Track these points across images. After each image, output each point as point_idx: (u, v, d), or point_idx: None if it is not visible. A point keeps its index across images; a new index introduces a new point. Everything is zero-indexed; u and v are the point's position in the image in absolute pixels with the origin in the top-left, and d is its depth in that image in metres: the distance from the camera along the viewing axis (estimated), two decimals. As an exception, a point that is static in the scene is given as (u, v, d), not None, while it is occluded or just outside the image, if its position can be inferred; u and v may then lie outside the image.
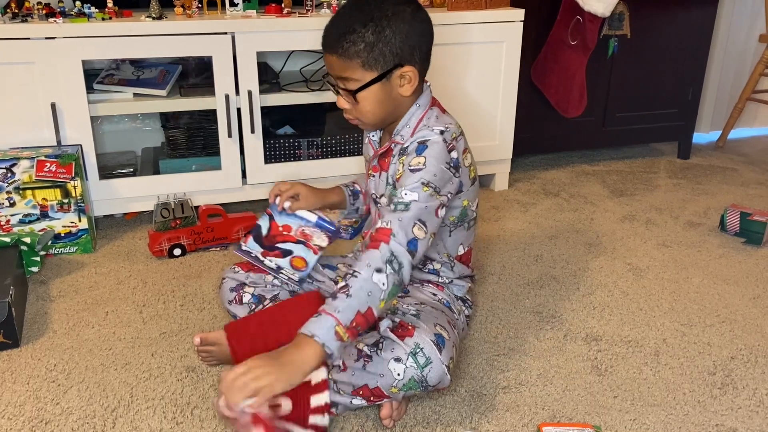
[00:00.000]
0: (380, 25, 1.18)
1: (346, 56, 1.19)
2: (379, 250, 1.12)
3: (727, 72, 3.05)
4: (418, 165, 1.22)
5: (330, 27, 1.22)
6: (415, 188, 1.19)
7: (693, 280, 1.80)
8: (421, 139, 1.25)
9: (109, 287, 1.72)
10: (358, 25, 1.18)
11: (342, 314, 1.05)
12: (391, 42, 1.19)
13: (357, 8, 1.20)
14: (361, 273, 1.09)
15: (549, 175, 2.58)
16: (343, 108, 1.28)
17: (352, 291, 1.07)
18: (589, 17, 2.28)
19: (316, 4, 2.09)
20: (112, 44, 1.86)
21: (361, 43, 1.18)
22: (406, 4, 1.22)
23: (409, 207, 1.17)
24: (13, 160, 1.77)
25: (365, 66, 1.20)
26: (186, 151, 2.16)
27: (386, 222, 1.16)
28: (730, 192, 2.43)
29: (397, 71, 1.22)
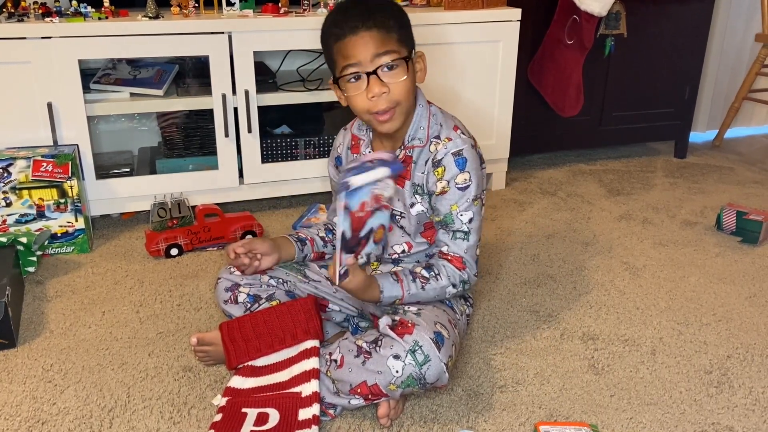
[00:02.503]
0: (398, 7, 1.25)
1: (385, 28, 1.20)
2: (461, 272, 1.31)
3: (724, 71, 3.06)
4: (465, 182, 1.29)
5: (358, 8, 1.21)
6: (468, 207, 1.30)
7: (689, 279, 1.80)
8: (455, 150, 1.29)
9: (106, 287, 1.72)
10: (385, 3, 1.23)
11: (409, 296, 1.28)
12: (408, 24, 1.25)
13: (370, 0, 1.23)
14: (442, 281, 1.30)
15: (546, 175, 2.58)
16: (379, 94, 1.21)
17: (428, 288, 1.29)
18: (586, 16, 2.28)
19: (312, 3, 2.09)
20: (108, 44, 1.86)
21: (396, 17, 1.22)
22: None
23: (469, 234, 1.31)
24: (10, 160, 1.76)
25: (400, 41, 1.22)
26: (183, 151, 2.15)
27: (454, 252, 1.31)
28: (727, 191, 2.44)
29: (416, 54, 1.27)
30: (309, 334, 1.30)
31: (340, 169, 1.46)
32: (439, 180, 1.29)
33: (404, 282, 1.28)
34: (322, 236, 1.49)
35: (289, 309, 1.33)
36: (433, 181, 1.30)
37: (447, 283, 1.30)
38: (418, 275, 1.29)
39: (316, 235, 1.49)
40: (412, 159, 1.32)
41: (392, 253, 1.41)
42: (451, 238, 1.31)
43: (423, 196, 1.34)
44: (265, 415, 1.19)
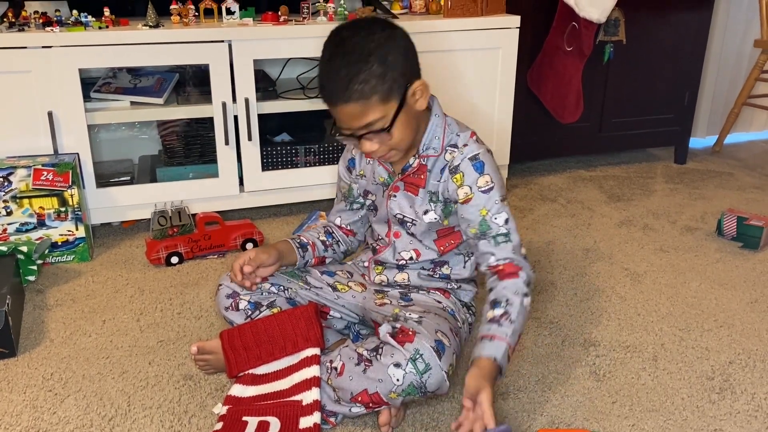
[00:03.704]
0: (381, 53, 1.17)
1: (363, 98, 1.17)
2: (520, 278, 1.24)
3: (723, 77, 3.06)
4: (488, 184, 1.28)
5: (332, 80, 1.18)
6: (499, 209, 1.27)
7: (690, 284, 1.80)
8: (471, 154, 1.29)
9: (107, 296, 1.72)
10: (361, 64, 1.16)
11: (511, 338, 1.19)
12: (396, 65, 1.18)
13: (349, 51, 1.18)
14: (515, 300, 1.21)
15: (546, 181, 2.58)
16: (371, 151, 1.25)
17: (514, 317, 1.20)
18: (585, 23, 2.29)
19: (312, 11, 2.10)
20: (108, 53, 1.86)
21: (372, 79, 1.16)
22: (389, 28, 1.22)
23: (510, 235, 1.27)
24: (10, 169, 1.77)
25: (383, 99, 1.18)
26: (183, 159, 2.16)
27: (504, 260, 1.26)
28: (727, 196, 2.43)
29: (410, 90, 1.22)
30: (309, 342, 1.29)
31: (352, 172, 1.45)
32: (459, 187, 1.29)
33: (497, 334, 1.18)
34: (323, 240, 1.49)
35: (289, 317, 1.32)
36: (453, 189, 1.30)
37: (519, 301, 1.21)
38: (496, 318, 1.20)
39: (317, 239, 1.49)
40: (426, 168, 1.32)
41: (399, 259, 1.41)
42: (494, 245, 1.27)
43: (437, 204, 1.33)
44: (265, 423, 1.19)
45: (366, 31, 1.19)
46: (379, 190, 1.41)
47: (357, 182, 1.46)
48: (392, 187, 1.37)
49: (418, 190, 1.34)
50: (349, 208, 1.50)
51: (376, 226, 1.45)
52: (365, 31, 1.19)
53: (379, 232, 1.44)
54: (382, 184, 1.39)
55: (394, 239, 1.41)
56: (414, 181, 1.34)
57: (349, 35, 1.19)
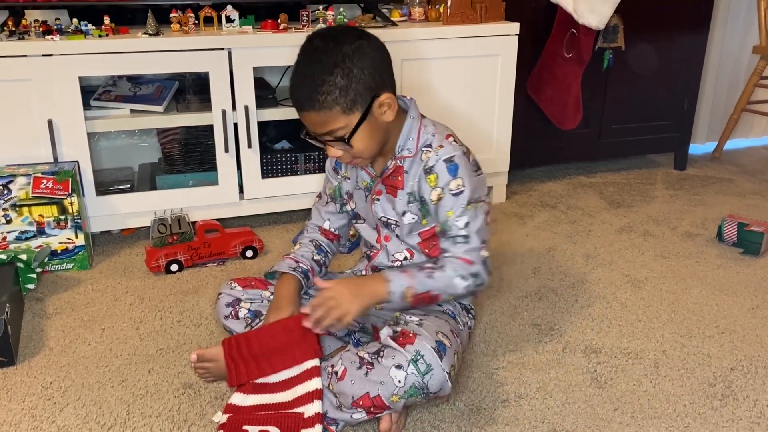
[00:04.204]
0: (346, 66, 1.19)
1: (325, 108, 1.19)
2: (469, 264, 1.28)
3: (722, 83, 3.07)
4: (459, 187, 1.29)
5: (297, 87, 1.22)
6: (463, 212, 1.29)
7: (691, 291, 1.79)
8: (447, 156, 1.29)
9: (106, 304, 1.71)
10: (326, 75, 1.18)
11: (418, 285, 1.26)
12: (361, 78, 1.20)
13: (316, 60, 1.20)
14: (447, 271, 1.27)
15: (546, 188, 2.58)
16: (336, 156, 1.29)
17: (436, 276, 1.27)
18: (584, 30, 2.29)
19: (312, 19, 2.10)
20: (109, 61, 1.86)
21: (335, 91, 1.18)
22: (360, 38, 1.23)
23: (469, 237, 1.29)
24: (10, 177, 1.77)
25: (345, 111, 1.20)
26: (183, 167, 2.15)
27: (456, 254, 1.29)
28: (727, 202, 2.43)
29: (376, 102, 1.23)
30: (308, 355, 1.28)
31: (338, 173, 1.46)
32: (433, 188, 1.30)
33: (410, 270, 1.28)
34: (317, 259, 1.46)
35: (283, 327, 1.31)
36: (427, 189, 1.31)
37: (453, 274, 1.27)
38: (423, 266, 1.29)
39: (311, 260, 1.45)
40: (403, 169, 1.33)
41: (394, 261, 1.41)
42: (451, 243, 1.30)
43: (414, 203, 1.34)
44: None
45: (335, 42, 1.21)
46: (362, 195, 1.41)
47: (342, 183, 1.46)
48: (375, 191, 1.37)
49: (397, 192, 1.34)
50: (339, 210, 1.49)
51: (366, 234, 1.45)
52: (334, 42, 1.21)
53: (370, 239, 1.44)
54: (365, 189, 1.40)
55: (385, 243, 1.41)
56: (392, 183, 1.35)
57: (320, 44, 1.22)
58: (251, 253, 1.96)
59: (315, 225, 1.52)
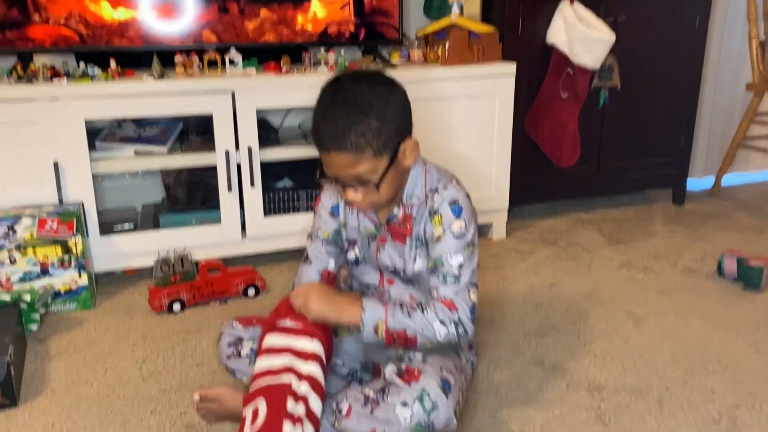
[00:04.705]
0: (381, 109, 1.19)
1: (357, 149, 1.18)
2: (452, 312, 1.25)
3: (717, 119, 3.11)
4: (461, 229, 1.29)
5: (328, 127, 1.20)
6: (459, 251, 1.28)
7: (693, 326, 1.79)
8: (451, 199, 1.31)
9: (109, 344, 1.71)
10: (360, 115, 1.17)
11: (393, 321, 1.24)
12: (393, 121, 1.21)
13: (350, 101, 1.19)
14: (428, 314, 1.24)
15: (546, 224, 2.60)
16: (353, 200, 1.26)
17: (414, 317, 1.24)
18: (579, 70, 2.34)
19: (313, 62, 2.15)
20: (114, 104, 1.90)
21: (369, 132, 1.18)
22: (392, 84, 1.25)
23: (460, 277, 1.27)
24: (15, 219, 1.79)
25: (376, 153, 1.20)
26: (186, 206, 2.18)
27: (444, 296, 1.27)
28: (726, 237, 2.45)
29: (402, 146, 1.24)
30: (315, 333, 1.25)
31: (336, 218, 1.42)
32: (436, 228, 1.31)
33: (389, 304, 1.26)
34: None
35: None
36: (430, 231, 1.32)
37: (434, 317, 1.24)
38: (405, 304, 1.27)
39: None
40: (411, 216, 1.34)
41: None
42: (441, 281, 1.28)
43: (422, 248, 1.34)
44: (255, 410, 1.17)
45: (369, 84, 1.22)
46: (365, 241, 1.41)
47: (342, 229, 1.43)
48: (380, 239, 1.38)
49: (405, 239, 1.35)
50: (341, 251, 1.45)
51: (365, 275, 1.45)
52: (368, 83, 1.22)
53: (370, 280, 1.44)
54: (368, 236, 1.40)
55: (389, 286, 1.41)
56: (400, 230, 1.35)
57: (351, 85, 1.21)
58: (253, 292, 1.97)
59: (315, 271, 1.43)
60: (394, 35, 2.31)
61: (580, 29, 2.29)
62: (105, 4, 2.02)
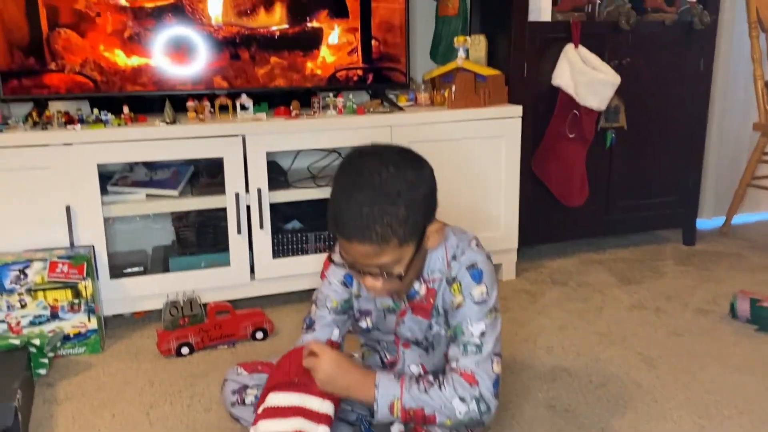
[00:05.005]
0: (409, 196, 1.12)
1: (382, 240, 1.11)
2: (472, 387, 1.17)
3: (725, 159, 3.11)
4: (482, 295, 1.22)
5: (352, 215, 1.11)
6: (481, 319, 1.21)
7: (707, 369, 1.77)
8: (469, 263, 1.24)
9: (117, 388, 1.70)
10: (387, 205, 1.10)
11: (410, 398, 1.16)
12: (420, 208, 1.15)
13: (376, 188, 1.11)
14: (446, 390, 1.16)
15: (556, 264, 2.58)
16: (373, 288, 1.19)
17: (431, 393, 1.16)
18: (585, 111, 2.36)
19: (322, 105, 2.18)
20: (126, 148, 1.93)
21: (395, 223, 1.10)
22: (419, 165, 1.17)
23: (482, 347, 1.20)
24: (27, 263, 1.80)
25: (401, 243, 1.13)
26: (196, 249, 2.19)
27: (464, 368, 1.18)
28: (738, 278, 2.42)
29: (427, 231, 1.19)
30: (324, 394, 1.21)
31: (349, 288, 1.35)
32: (455, 296, 1.24)
33: (405, 380, 1.18)
34: None
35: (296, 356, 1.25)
36: (450, 299, 1.25)
37: (453, 394, 1.16)
38: (422, 379, 1.19)
39: None
40: (434, 291, 1.27)
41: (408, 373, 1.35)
42: (461, 351, 1.20)
43: (440, 317, 1.28)
44: None
45: (395, 166, 1.13)
46: (380, 314, 1.34)
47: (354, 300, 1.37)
48: (400, 313, 1.32)
49: (429, 314, 1.28)
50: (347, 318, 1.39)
51: (379, 335, 1.38)
52: (395, 166, 1.13)
53: (383, 339, 1.38)
54: (385, 309, 1.33)
55: (404, 349, 1.35)
56: (422, 306, 1.29)
57: (377, 168, 1.12)
58: (261, 335, 1.96)
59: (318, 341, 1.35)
60: (401, 79, 2.35)
61: (586, 72, 2.32)
62: (119, 52, 2.07)
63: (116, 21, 2.04)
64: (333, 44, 2.25)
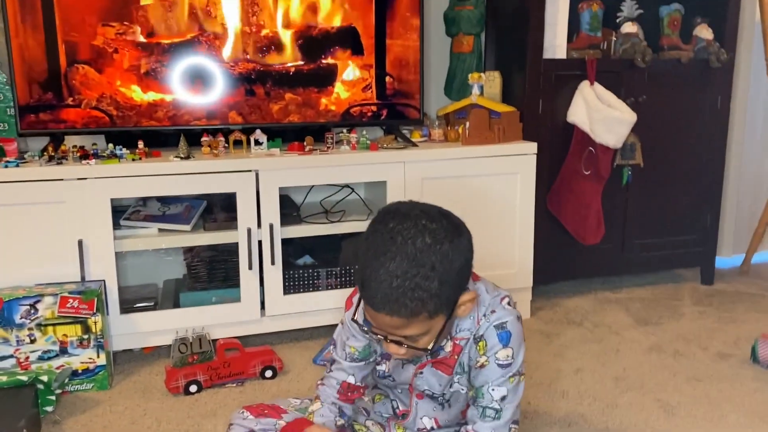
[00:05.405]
0: (444, 270, 1.06)
1: (412, 315, 1.06)
2: None
3: (744, 197, 3.06)
4: (507, 359, 1.19)
5: (382, 284, 1.05)
6: (503, 383, 1.18)
7: (728, 417, 1.71)
8: (499, 322, 1.19)
9: (123, 427, 1.68)
10: (421, 279, 1.04)
11: None
12: (454, 281, 1.09)
13: (410, 258, 1.04)
14: None
15: (572, 303, 2.54)
16: (396, 354, 1.15)
17: None
18: (601, 148, 2.34)
19: (336, 141, 2.18)
20: (140, 183, 1.93)
21: (427, 297, 1.05)
22: (457, 233, 1.12)
23: (501, 412, 1.17)
24: (38, 297, 1.79)
25: (431, 316, 1.08)
26: (207, 284, 2.17)
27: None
28: (760, 320, 2.36)
29: (459, 301, 1.14)
30: None
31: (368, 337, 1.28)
32: (480, 355, 1.20)
33: None
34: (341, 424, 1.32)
35: None
36: (474, 357, 1.22)
37: None
38: None
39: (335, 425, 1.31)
40: (461, 347, 1.23)
41: (421, 428, 1.33)
42: (479, 415, 1.18)
43: (463, 375, 1.25)
44: None
45: (433, 236, 1.07)
46: (398, 362, 1.30)
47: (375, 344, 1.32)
48: (419, 366, 1.28)
49: (451, 370, 1.25)
50: (366, 365, 1.34)
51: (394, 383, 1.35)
52: (432, 236, 1.07)
53: (399, 386, 1.36)
54: (404, 360, 1.28)
55: (417, 400, 1.33)
56: (446, 361, 1.25)
57: (412, 236, 1.06)
58: (270, 373, 1.93)
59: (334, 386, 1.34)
60: (415, 115, 2.34)
61: (601, 109, 2.31)
62: (135, 87, 2.09)
63: (133, 57, 2.06)
64: (347, 80, 2.26)
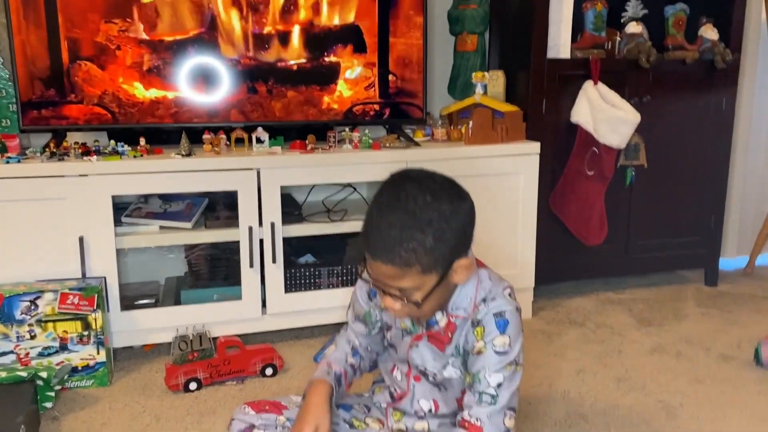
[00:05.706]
0: (440, 227, 1.12)
1: (404, 264, 1.11)
2: None
3: (749, 197, 3.04)
4: (504, 346, 1.20)
5: (379, 235, 1.12)
6: (500, 370, 1.20)
7: (731, 419, 1.70)
8: (497, 310, 1.22)
9: (122, 424, 1.68)
10: (416, 231, 1.10)
11: None
12: (449, 241, 1.14)
13: (409, 212, 1.11)
14: None
15: (573, 303, 2.53)
16: (391, 309, 1.19)
17: None
18: (605, 149, 2.33)
19: (338, 140, 2.17)
20: (142, 180, 1.93)
21: (421, 250, 1.10)
22: (459, 199, 1.17)
23: (497, 398, 1.19)
24: (38, 293, 1.79)
25: (424, 270, 1.13)
26: (208, 282, 2.17)
27: (475, 418, 1.18)
28: (763, 322, 2.35)
29: (455, 265, 1.17)
30: None
31: (372, 300, 1.37)
32: (477, 340, 1.22)
33: None
34: (352, 363, 1.39)
35: None
36: (471, 341, 1.23)
37: None
38: None
39: (345, 363, 1.38)
40: (455, 326, 1.25)
41: (418, 410, 1.34)
42: (476, 400, 1.19)
43: (457, 357, 1.26)
44: None
45: (433, 195, 1.14)
46: (398, 333, 1.34)
47: (376, 311, 1.39)
48: (415, 337, 1.30)
49: (444, 347, 1.27)
50: (368, 332, 1.41)
51: (395, 363, 1.38)
52: (432, 195, 1.14)
53: (397, 372, 1.37)
54: (402, 330, 1.33)
55: (414, 382, 1.35)
56: (439, 337, 1.27)
57: (414, 193, 1.13)
58: (271, 371, 1.93)
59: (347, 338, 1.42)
60: (418, 114, 2.34)
61: (605, 109, 2.30)
62: (138, 84, 2.08)
63: (135, 54, 2.06)
64: (350, 79, 2.26)
